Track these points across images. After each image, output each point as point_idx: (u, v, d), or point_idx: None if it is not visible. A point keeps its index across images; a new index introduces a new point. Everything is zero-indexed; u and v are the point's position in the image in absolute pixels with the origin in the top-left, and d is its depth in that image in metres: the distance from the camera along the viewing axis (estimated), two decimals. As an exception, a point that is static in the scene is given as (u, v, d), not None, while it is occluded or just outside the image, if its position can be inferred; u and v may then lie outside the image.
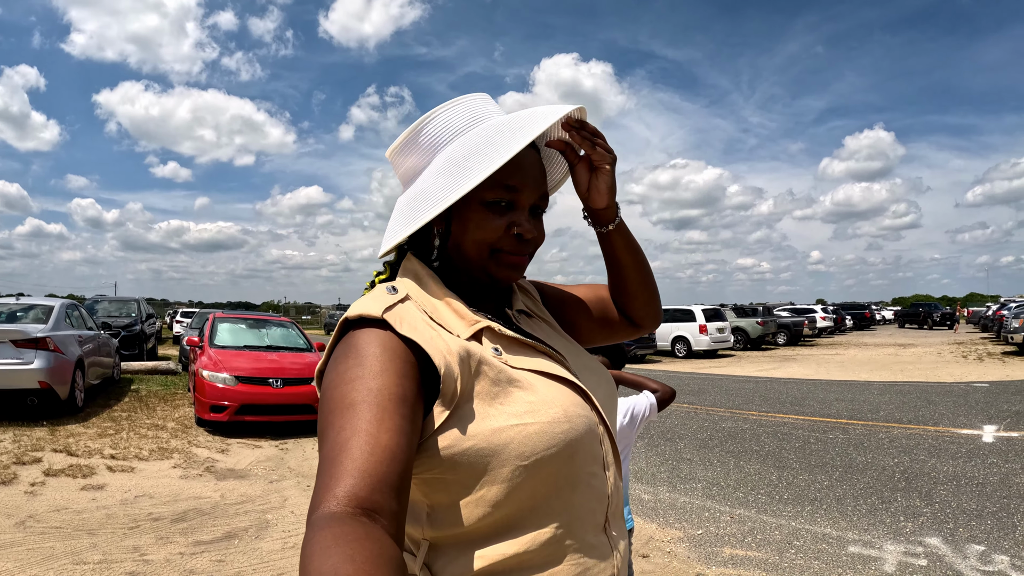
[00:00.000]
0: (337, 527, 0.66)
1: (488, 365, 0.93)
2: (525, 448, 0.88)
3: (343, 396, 0.81)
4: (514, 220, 1.02)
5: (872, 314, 51.88)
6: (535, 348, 1.03)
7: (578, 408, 0.96)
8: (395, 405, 0.80)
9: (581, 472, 0.94)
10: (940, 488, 6.16)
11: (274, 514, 5.35)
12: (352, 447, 0.75)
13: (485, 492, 0.88)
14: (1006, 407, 10.63)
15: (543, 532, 0.90)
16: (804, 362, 21.55)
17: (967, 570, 4.27)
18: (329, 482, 0.72)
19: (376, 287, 1.01)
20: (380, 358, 0.85)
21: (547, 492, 0.91)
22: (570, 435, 0.91)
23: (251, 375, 8.86)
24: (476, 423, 0.88)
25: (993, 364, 18.42)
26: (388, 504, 0.73)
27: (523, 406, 0.91)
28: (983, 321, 36.56)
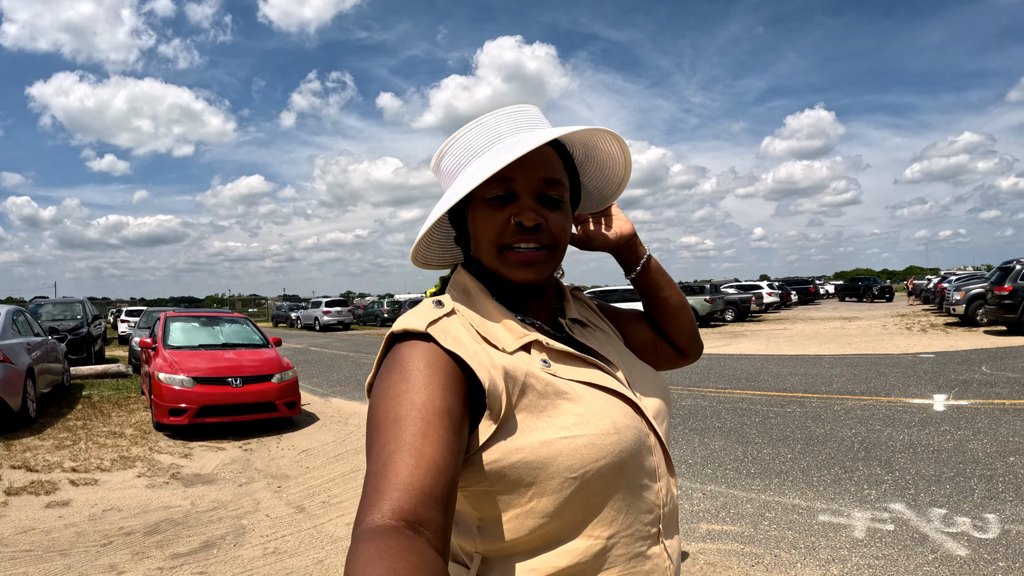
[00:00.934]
0: (381, 540, 0.67)
1: (535, 378, 0.94)
2: (574, 460, 0.90)
3: (388, 410, 0.83)
4: (513, 211, 1.01)
5: (816, 289, 53.19)
6: (585, 360, 1.04)
7: (628, 419, 0.98)
8: (440, 419, 0.82)
9: (631, 483, 0.96)
10: (898, 456, 6.43)
11: (249, 519, 5.33)
12: (397, 461, 0.77)
13: (535, 504, 0.90)
14: (953, 376, 11.06)
15: (594, 543, 0.93)
16: (754, 338, 22.02)
17: (932, 532, 4.50)
18: (374, 495, 0.74)
19: (423, 302, 1.03)
20: (424, 372, 0.87)
21: (597, 504, 0.93)
22: (619, 447, 0.94)
23: (209, 375, 8.73)
24: (524, 436, 0.90)
25: (937, 335, 19.08)
26: (433, 517, 0.74)
27: (572, 418, 0.92)
28: (924, 294, 37.73)
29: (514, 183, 1.01)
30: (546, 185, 1.03)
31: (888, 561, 4.12)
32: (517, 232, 1.01)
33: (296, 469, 6.98)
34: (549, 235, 1.03)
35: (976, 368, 11.83)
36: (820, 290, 56.44)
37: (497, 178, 1.00)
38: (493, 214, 1.02)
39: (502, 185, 1.01)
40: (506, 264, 1.03)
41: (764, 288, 38.62)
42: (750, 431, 7.91)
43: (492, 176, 0.99)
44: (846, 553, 4.27)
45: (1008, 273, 17.71)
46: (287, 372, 9.36)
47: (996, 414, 8.00)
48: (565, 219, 1.06)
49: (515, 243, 1.02)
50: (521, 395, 0.92)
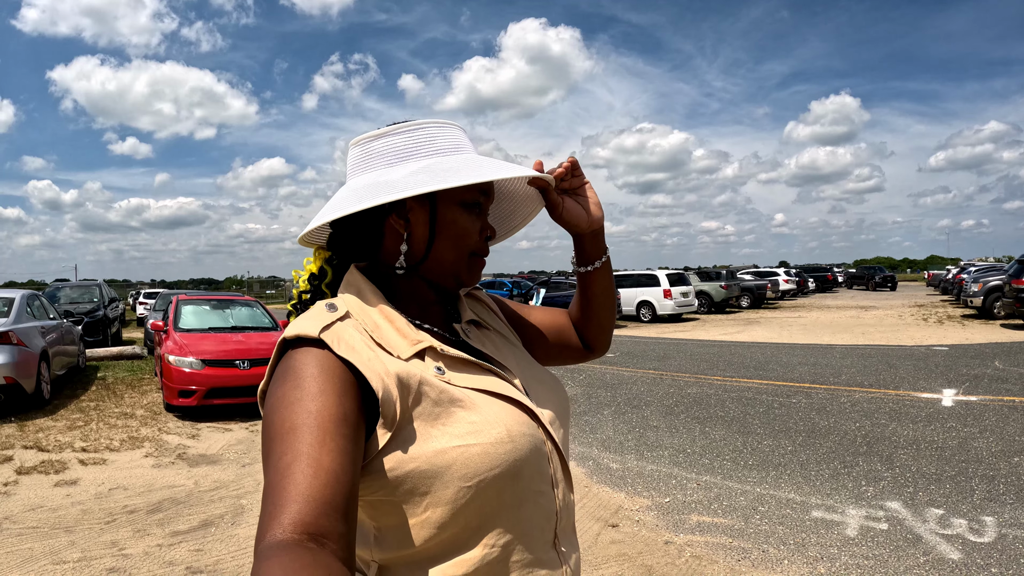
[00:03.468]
0: (285, 555, 0.66)
1: (429, 386, 0.92)
2: (468, 469, 0.88)
3: (283, 420, 0.81)
4: (484, 224, 1.07)
5: (834, 276, 52.78)
6: (480, 366, 1.02)
7: (523, 427, 0.96)
8: (336, 426, 0.80)
9: (527, 491, 0.95)
10: (900, 452, 6.35)
11: (248, 499, 5.36)
12: (295, 471, 0.75)
13: (430, 514, 0.88)
14: (965, 371, 10.93)
15: (490, 552, 0.91)
16: (767, 325, 21.90)
17: (926, 534, 4.42)
18: (273, 510, 0.72)
19: (316, 304, 0.99)
20: (318, 379, 0.84)
21: (493, 512, 0.91)
22: (514, 455, 0.92)
23: (218, 358, 8.83)
24: (418, 445, 0.88)
25: (953, 327, 18.89)
26: (335, 527, 0.73)
27: (465, 427, 0.91)
28: (943, 284, 37.37)
29: (487, 199, 1.07)
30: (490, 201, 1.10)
31: (878, 561, 4.04)
32: (485, 245, 1.09)
33: (298, 449, 7.00)
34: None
35: (989, 363, 11.68)
36: (839, 278, 56.11)
37: (479, 188, 1.04)
38: (473, 220, 1.04)
39: (480, 195, 1.05)
40: (470, 269, 1.07)
41: (781, 275, 38.37)
42: (752, 421, 7.85)
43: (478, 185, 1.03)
44: (835, 551, 4.21)
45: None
46: None
47: (1005, 411, 7.88)
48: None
49: (482, 252, 1.08)
50: (415, 403, 0.90)
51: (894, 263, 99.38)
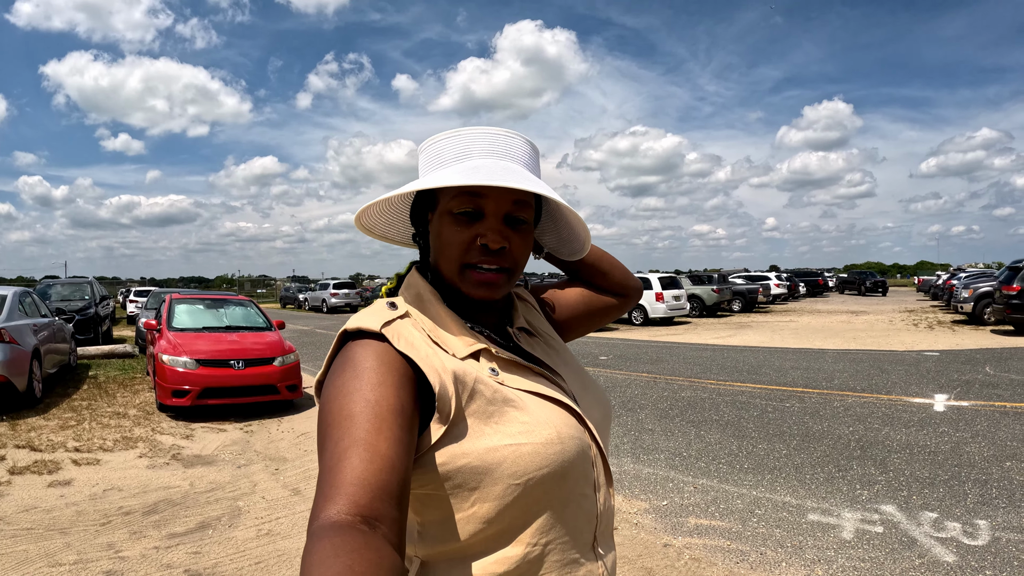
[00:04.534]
0: (337, 537, 0.68)
1: (484, 385, 0.96)
2: (518, 467, 0.91)
3: (341, 407, 0.84)
4: (479, 231, 1.02)
5: (825, 281, 53.02)
6: (531, 369, 1.06)
7: (571, 430, 0.99)
8: (393, 416, 0.83)
9: (572, 492, 0.98)
10: (894, 456, 6.44)
11: (245, 500, 5.38)
12: (351, 456, 0.77)
13: (477, 509, 0.92)
14: (956, 376, 11.04)
15: (531, 550, 0.94)
16: (759, 329, 21.99)
17: (921, 537, 4.51)
18: (329, 491, 0.75)
19: (376, 302, 1.05)
20: (378, 370, 0.88)
21: (537, 511, 0.94)
22: (562, 456, 0.95)
23: (212, 358, 8.84)
24: (471, 441, 0.91)
25: (943, 333, 19.03)
26: (389, 512, 0.75)
27: (517, 426, 0.94)
28: (933, 290, 37.61)
29: (484, 201, 1.01)
30: (515, 206, 1.03)
31: (874, 564, 4.12)
32: (481, 253, 1.02)
33: (294, 452, 7.03)
34: (511, 258, 1.04)
35: (980, 368, 11.80)
36: (829, 283, 56.40)
37: (468, 193, 1.01)
38: (460, 230, 1.02)
39: (472, 201, 1.01)
40: (466, 282, 1.03)
41: (772, 279, 38.55)
42: (747, 425, 7.92)
43: (463, 190, 1.00)
44: (832, 554, 4.28)
45: (1017, 272, 17.62)
46: (289, 355, 9.44)
47: (996, 417, 7.98)
48: (527, 240, 1.07)
49: (478, 263, 1.02)
50: (470, 400, 0.93)
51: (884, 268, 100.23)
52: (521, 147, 1.08)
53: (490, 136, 1.06)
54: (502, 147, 1.06)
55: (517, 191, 1.02)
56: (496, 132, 1.07)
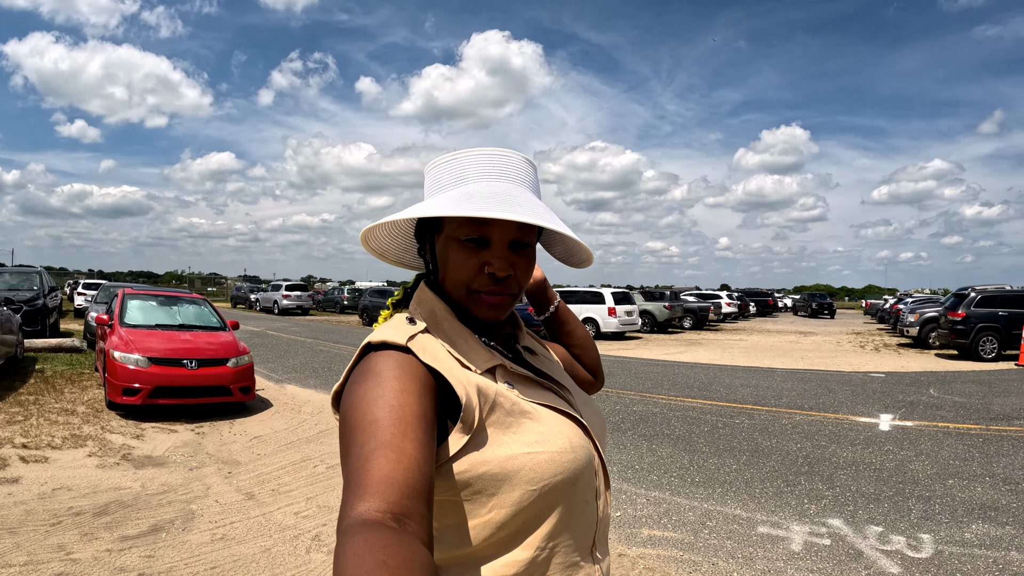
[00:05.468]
0: (370, 533, 0.70)
1: (504, 397, 1.02)
2: (535, 474, 0.98)
3: (365, 413, 0.88)
4: (487, 259, 1.06)
5: (775, 301, 54.13)
6: (542, 384, 1.14)
7: (580, 440, 1.07)
8: (417, 421, 0.88)
9: (578, 499, 1.05)
10: (840, 473, 6.65)
11: (198, 504, 5.34)
12: (378, 456, 0.81)
13: (494, 515, 0.97)
14: (901, 397, 11.41)
15: (540, 552, 1.01)
16: (709, 347, 22.38)
17: (867, 549, 4.69)
18: (357, 490, 0.78)
19: (395, 316, 1.12)
20: (400, 379, 0.93)
21: (547, 516, 1.01)
22: (575, 464, 1.02)
23: (165, 356, 8.72)
24: (491, 450, 0.97)
25: (889, 355, 19.61)
26: (418, 509, 0.78)
27: (534, 436, 1.01)
28: (880, 313, 38.64)
29: (490, 229, 1.06)
30: (519, 231, 1.08)
31: (822, 575, 4.28)
32: (490, 282, 1.07)
33: (247, 455, 6.98)
34: (516, 283, 1.10)
35: (924, 390, 12.21)
36: (779, 303, 57.59)
37: (473, 221, 1.06)
38: (467, 256, 1.07)
39: (476, 229, 1.06)
40: (474, 304, 1.09)
41: (723, 298, 39.24)
42: (698, 440, 8.09)
43: (467, 218, 1.05)
44: (782, 565, 4.43)
45: (962, 300, 18.47)
46: (243, 357, 9.36)
47: (940, 437, 8.29)
48: (531, 262, 1.13)
49: (484, 290, 1.08)
50: (491, 412, 1.00)
51: (833, 291, 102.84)
52: (517, 165, 1.13)
53: (485, 157, 1.11)
54: (498, 168, 1.10)
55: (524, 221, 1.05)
56: (492, 153, 1.12)
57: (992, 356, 17.59)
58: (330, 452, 7.08)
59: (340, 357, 16.10)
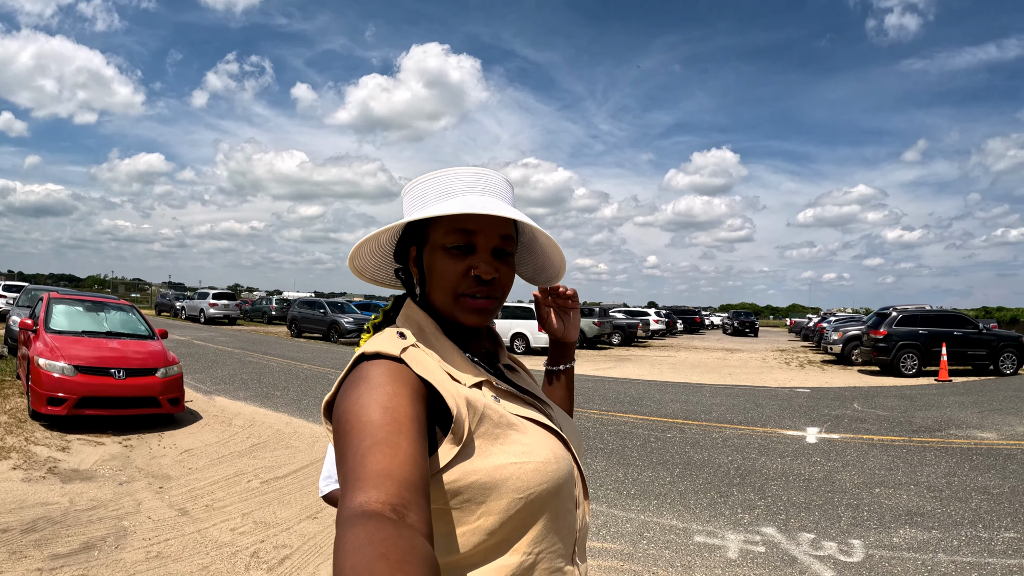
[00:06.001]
0: (369, 524, 0.72)
1: (492, 410, 1.06)
2: (522, 483, 1.02)
3: (359, 416, 0.91)
4: (472, 263, 1.13)
5: (702, 319, 55.23)
6: (525, 400, 1.18)
7: (562, 452, 1.12)
8: (410, 422, 0.91)
9: (561, 507, 1.10)
10: (771, 484, 6.83)
11: (130, 520, 5.17)
12: (375, 452, 0.85)
13: (482, 522, 1.01)
14: (826, 411, 11.77)
15: (525, 559, 1.04)
16: (638, 363, 22.69)
17: (801, 555, 4.84)
18: (356, 483, 0.81)
19: (385, 331, 1.14)
20: (393, 384, 0.96)
21: (533, 523, 1.05)
22: (558, 474, 1.07)
23: (92, 365, 8.40)
24: (480, 460, 1.01)
25: (814, 371, 20.22)
26: (416, 501, 0.80)
27: (520, 447, 1.05)
28: (804, 331, 39.77)
29: (475, 236, 1.14)
30: (502, 240, 1.16)
31: (759, 581, 4.39)
32: (475, 284, 1.14)
33: (178, 469, 6.79)
34: (500, 288, 1.17)
35: (848, 404, 12.62)
36: (706, 321, 58.80)
37: (458, 229, 1.13)
38: (454, 263, 1.13)
39: (463, 236, 1.13)
40: (461, 310, 1.15)
41: (651, 315, 39.88)
42: (631, 454, 8.21)
43: (453, 227, 1.13)
44: (720, 572, 4.54)
45: (884, 318, 19.36)
46: (172, 367, 9.09)
47: (864, 448, 8.59)
48: (512, 271, 1.21)
49: (471, 293, 1.14)
50: (479, 424, 1.03)
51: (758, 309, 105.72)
52: (498, 182, 1.21)
53: (470, 174, 1.19)
54: (481, 184, 1.18)
55: (504, 226, 1.16)
56: (475, 171, 1.20)
57: (913, 372, 18.33)
58: (264, 466, 6.96)
59: (269, 369, 15.82)
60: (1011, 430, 10.03)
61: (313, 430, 8.96)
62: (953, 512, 5.91)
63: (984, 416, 11.23)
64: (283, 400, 11.36)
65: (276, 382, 13.51)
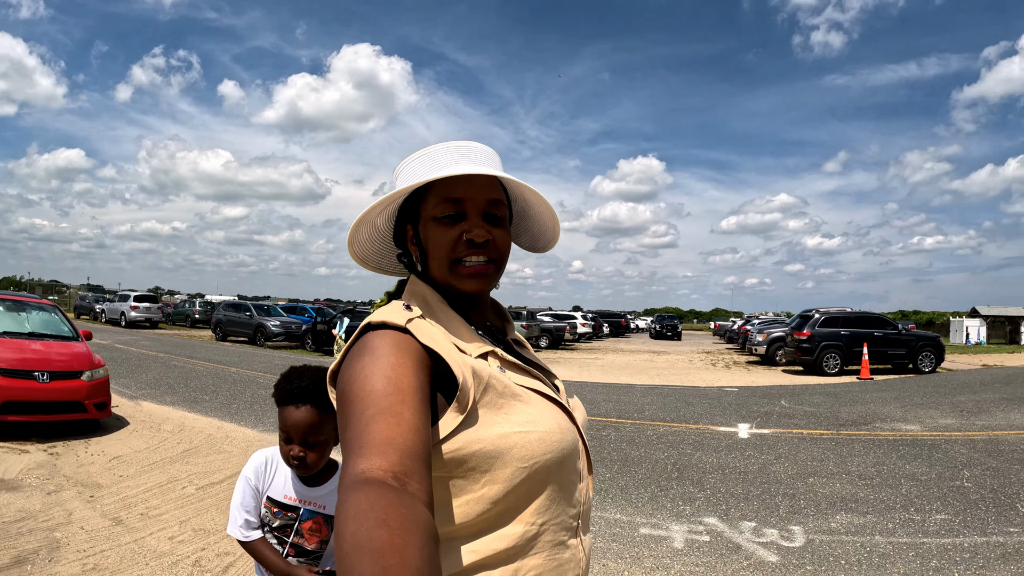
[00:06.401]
0: (371, 490, 0.73)
1: (496, 379, 1.07)
2: (526, 452, 1.02)
3: (363, 385, 0.92)
4: (464, 228, 1.15)
5: (627, 323, 56.07)
6: (529, 371, 1.18)
7: (567, 424, 1.13)
8: (413, 392, 0.92)
9: (565, 479, 1.10)
10: (709, 477, 6.97)
11: (62, 531, 4.91)
12: (378, 421, 0.86)
13: (487, 491, 1.01)
14: (755, 408, 12.08)
15: (528, 529, 1.05)
16: (568, 365, 22.87)
17: (744, 543, 4.96)
18: (359, 450, 0.82)
19: (392, 303, 1.14)
20: (396, 354, 0.97)
21: (538, 493, 1.05)
22: (562, 444, 1.07)
23: (13, 367, 7.92)
24: (485, 428, 1.01)
25: (739, 372, 20.74)
26: (417, 469, 0.81)
27: (525, 416, 1.05)
28: (728, 334, 40.74)
29: (463, 204, 1.15)
30: (491, 204, 1.17)
31: (707, 567, 4.49)
32: (468, 247, 1.14)
33: (109, 477, 6.50)
34: (496, 250, 1.18)
35: (776, 402, 12.98)
36: (631, 324, 59.70)
37: (446, 199, 1.14)
38: (445, 231, 1.15)
39: (452, 205, 1.15)
40: (458, 276, 1.16)
41: (578, 318, 40.23)
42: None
43: (442, 198, 1.15)
44: (668, 561, 4.61)
45: (807, 320, 20.09)
46: (98, 370, 8.66)
47: (795, 442, 8.85)
48: (507, 236, 1.21)
49: (466, 257, 1.15)
50: (484, 393, 1.04)
51: (682, 313, 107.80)
52: (484, 151, 1.23)
53: (455, 147, 1.20)
54: (467, 155, 1.20)
55: (493, 191, 1.17)
56: (460, 143, 1.22)
57: (835, 371, 19.03)
58: (198, 472, 6.74)
59: (196, 373, 15.35)
60: (933, 422, 10.46)
61: (246, 434, 8.74)
62: (885, 498, 6.14)
63: (907, 410, 11.68)
64: (212, 405, 11.06)
65: (204, 386, 13.14)
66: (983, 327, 44.89)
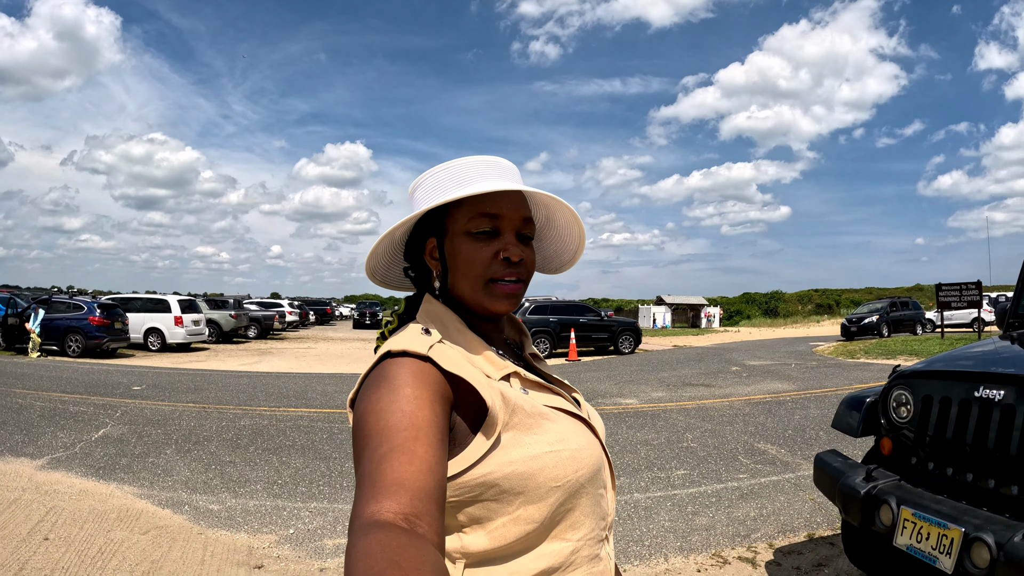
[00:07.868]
0: (381, 533, 0.72)
1: (523, 400, 1.07)
2: (558, 471, 1.04)
3: (377, 419, 0.91)
4: (499, 246, 1.13)
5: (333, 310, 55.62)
6: (552, 389, 1.21)
7: (592, 439, 1.17)
8: (429, 427, 0.91)
9: (594, 493, 1.13)
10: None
11: None
12: (391, 459, 0.84)
13: (523, 512, 1.02)
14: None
15: (566, 545, 1.08)
16: (282, 355, 22.34)
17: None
18: (370, 491, 0.81)
19: (410, 327, 1.11)
20: (413, 386, 0.96)
21: (571, 509, 1.09)
22: (592, 460, 1.10)
23: None
24: (516, 450, 1.02)
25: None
26: (429, 511, 0.81)
27: (554, 436, 1.06)
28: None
29: (500, 220, 1.14)
30: (524, 223, 1.17)
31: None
32: (505, 266, 1.13)
33: None
34: (527, 270, 1.18)
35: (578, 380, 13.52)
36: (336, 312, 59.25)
37: (483, 214, 1.13)
38: (480, 247, 1.13)
39: (488, 221, 1.13)
40: (491, 296, 1.14)
41: (286, 306, 39.23)
42: (323, 447, 8.11)
43: (477, 212, 1.13)
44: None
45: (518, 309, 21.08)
46: None
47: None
48: (534, 256, 1.21)
49: (502, 276, 1.13)
50: (512, 415, 1.04)
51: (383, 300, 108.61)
52: (511, 168, 1.22)
53: (484, 162, 1.19)
54: (496, 171, 1.18)
55: (526, 209, 1.18)
56: (489, 159, 1.21)
57: (546, 355, 20.39)
58: None
59: None
60: (648, 396, 11.63)
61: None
62: (630, 462, 6.89)
63: (622, 387, 12.83)
64: None
65: None
66: (668, 313, 50.99)
